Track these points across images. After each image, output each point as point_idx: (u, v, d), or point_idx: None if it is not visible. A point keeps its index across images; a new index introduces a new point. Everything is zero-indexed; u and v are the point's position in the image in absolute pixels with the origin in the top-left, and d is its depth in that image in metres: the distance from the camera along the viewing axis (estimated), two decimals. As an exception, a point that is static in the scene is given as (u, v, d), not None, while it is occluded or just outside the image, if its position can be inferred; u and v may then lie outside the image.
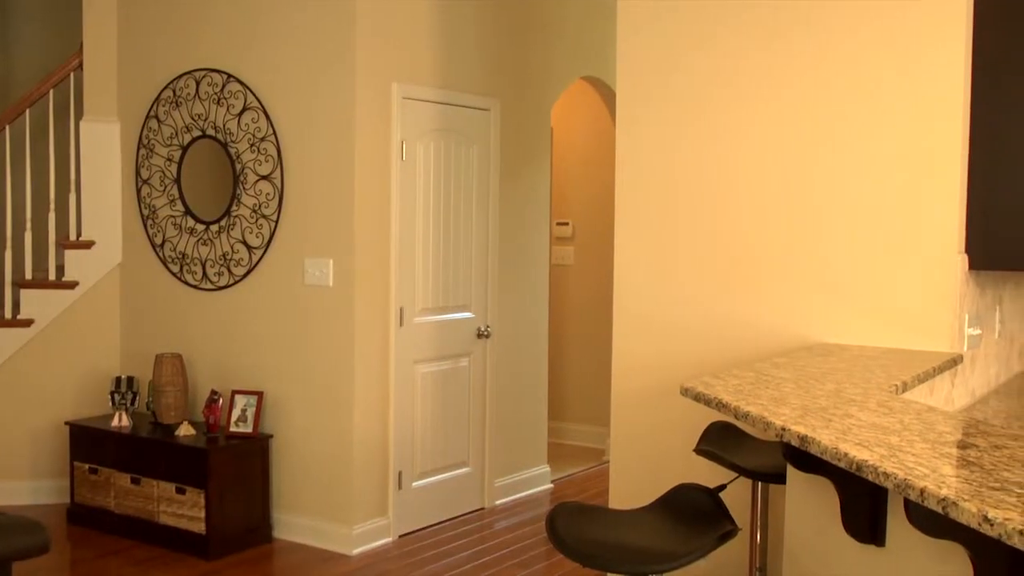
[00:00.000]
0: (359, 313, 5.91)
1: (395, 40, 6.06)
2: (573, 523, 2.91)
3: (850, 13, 4.27)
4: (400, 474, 6.23)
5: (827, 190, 4.35)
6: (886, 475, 2.21)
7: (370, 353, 6.00)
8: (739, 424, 3.81)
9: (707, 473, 4.38)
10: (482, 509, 6.88)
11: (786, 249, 4.45)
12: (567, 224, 8.85)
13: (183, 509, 5.87)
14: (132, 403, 6.43)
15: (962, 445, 2.48)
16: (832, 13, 4.31)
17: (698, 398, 3.21)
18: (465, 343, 6.70)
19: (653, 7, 4.76)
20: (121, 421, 6.26)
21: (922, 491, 2.08)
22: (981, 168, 4.11)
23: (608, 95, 7.84)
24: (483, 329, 6.77)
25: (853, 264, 4.30)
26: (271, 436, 6.16)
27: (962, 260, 4.11)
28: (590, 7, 7.59)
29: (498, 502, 7.00)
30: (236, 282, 6.33)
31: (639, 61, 4.81)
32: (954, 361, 3.96)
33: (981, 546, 2.13)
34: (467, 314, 6.70)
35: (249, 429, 6.04)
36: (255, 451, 6.05)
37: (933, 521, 2.25)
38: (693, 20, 4.66)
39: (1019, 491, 2.02)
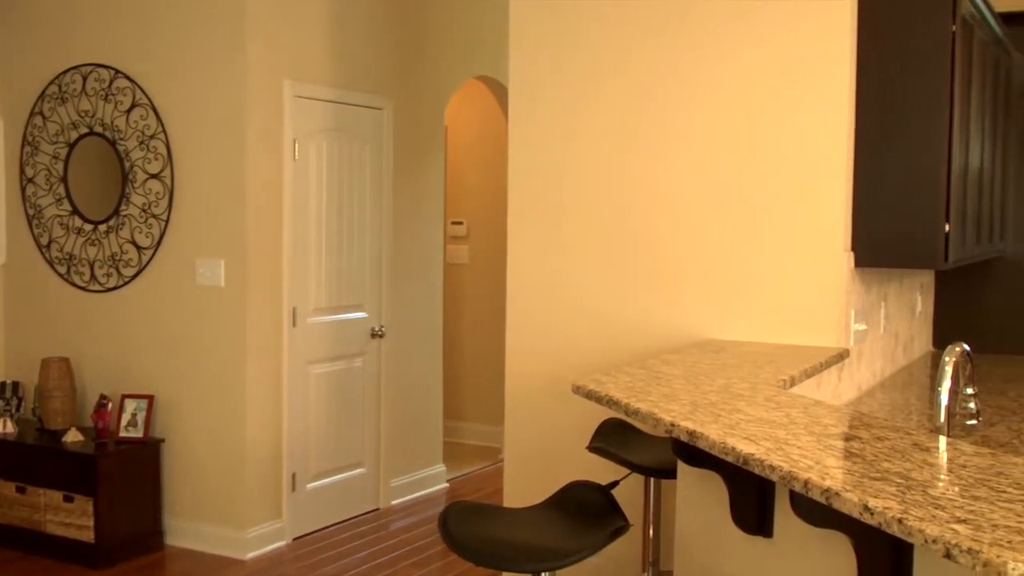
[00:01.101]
0: (251, 314, 5.84)
1: (286, 38, 6.00)
2: (465, 522, 2.90)
3: (741, 16, 4.33)
4: (294, 476, 6.16)
5: (717, 189, 4.41)
6: (772, 468, 2.25)
7: (263, 354, 5.93)
8: (631, 421, 3.84)
9: (601, 470, 4.40)
10: (377, 510, 6.84)
11: (678, 247, 4.50)
12: (462, 223, 8.85)
13: (71, 518, 5.73)
14: (17, 409, 6.26)
15: (846, 437, 2.53)
16: (725, 14, 4.37)
17: (589, 396, 3.22)
18: (359, 343, 6.66)
19: (545, 5, 4.78)
20: (5, 427, 6.08)
21: (806, 482, 2.11)
22: (866, 170, 4.20)
23: (501, 94, 7.86)
24: (377, 329, 6.74)
25: (744, 262, 4.36)
26: (162, 441, 6.04)
27: (848, 258, 4.19)
28: (482, 6, 7.59)
29: (394, 502, 6.97)
30: (125, 283, 6.20)
31: (531, 59, 4.82)
32: (841, 356, 4.04)
33: (863, 534, 2.18)
34: (361, 314, 6.66)
35: (139, 434, 5.92)
36: (146, 456, 5.94)
37: (817, 511, 2.29)
38: (585, 18, 4.68)
39: (899, 481, 2.07)
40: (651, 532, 3.90)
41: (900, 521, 1.82)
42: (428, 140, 7.20)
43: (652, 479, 3.88)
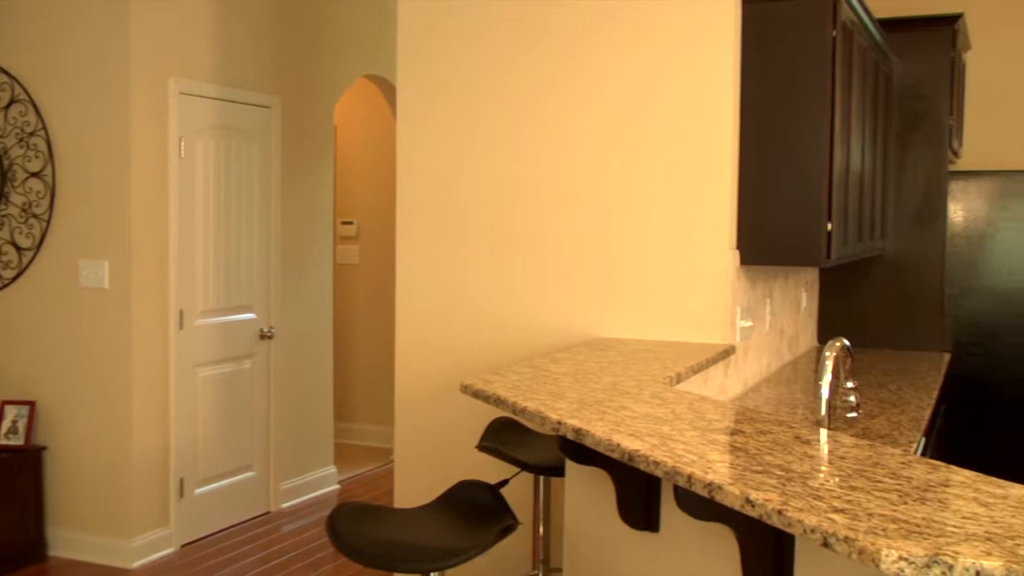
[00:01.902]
0: (136, 316, 5.72)
1: (172, 34, 5.89)
2: (354, 523, 2.88)
3: (627, 18, 4.37)
4: (182, 481, 6.06)
5: (604, 188, 4.44)
6: (656, 463, 2.27)
7: (149, 358, 5.81)
8: (519, 419, 3.85)
9: (492, 469, 4.41)
10: (268, 513, 6.76)
11: (566, 246, 4.52)
12: (352, 223, 8.79)
13: (-53, 526, 5.57)
14: None
15: (730, 432, 2.56)
16: (612, 15, 4.40)
17: (477, 395, 3.22)
18: (248, 344, 6.57)
19: (433, 4, 4.76)
20: None
21: (689, 477, 2.14)
22: (750, 170, 4.27)
23: (391, 93, 7.83)
24: (266, 330, 6.66)
25: (632, 261, 4.40)
26: (45, 448, 5.89)
27: (733, 256, 4.26)
28: (371, 5, 7.55)
29: (284, 505, 6.89)
30: (5, 286, 6.03)
31: (419, 59, 4.81)
32: (727, 352, 4.10)
33: (746, 526, 2.21)
34: (249, 315, 6.57)
35: (20, 441, 5.77)
36: (27, 465, 5.78)
37: (701, 505, 2.32)
38: (473, 18, 4.68)
39: (780, 473, 2.10)
40: (541, 530, 3.92)
41: (780, 512, 1.85)
42: (317, 139, 7.14)
43: (541, 477, 3.89)
